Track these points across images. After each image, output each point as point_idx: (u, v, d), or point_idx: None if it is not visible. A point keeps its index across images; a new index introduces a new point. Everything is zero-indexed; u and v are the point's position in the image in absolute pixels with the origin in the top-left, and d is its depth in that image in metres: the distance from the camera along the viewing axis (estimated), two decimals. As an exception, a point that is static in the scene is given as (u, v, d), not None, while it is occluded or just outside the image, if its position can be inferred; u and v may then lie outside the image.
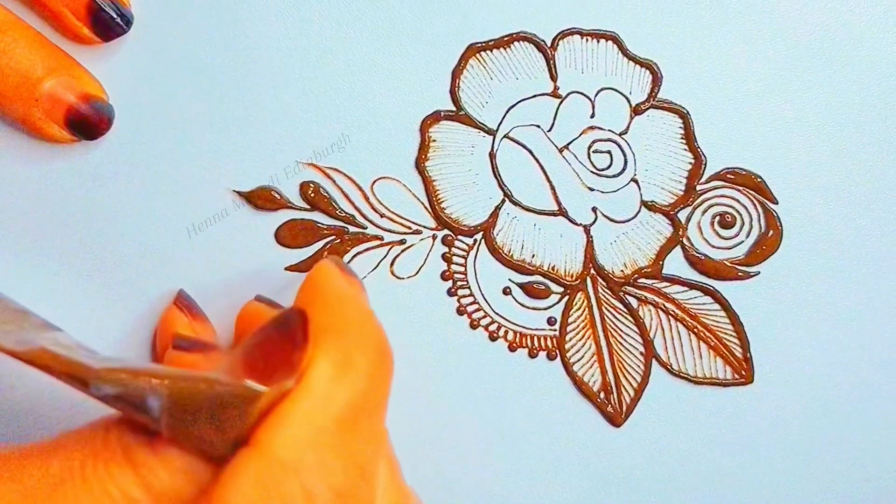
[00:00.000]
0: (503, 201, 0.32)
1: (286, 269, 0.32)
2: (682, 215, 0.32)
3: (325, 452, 0.21)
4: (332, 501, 0.21)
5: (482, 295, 0.32)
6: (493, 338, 0.32)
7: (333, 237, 0.32)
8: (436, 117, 0.31)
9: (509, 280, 0.32)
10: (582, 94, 0.32)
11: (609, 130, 0.32)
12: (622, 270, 0.32)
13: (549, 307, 0.32)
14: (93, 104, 0.30)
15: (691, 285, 0.32)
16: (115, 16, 0.30)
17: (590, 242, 0.32)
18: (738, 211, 0.32)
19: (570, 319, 0.32)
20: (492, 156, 0.32)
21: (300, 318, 0.22)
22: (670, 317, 0.32)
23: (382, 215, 0.32)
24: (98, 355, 0.22)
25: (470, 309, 0.32)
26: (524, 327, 0.32)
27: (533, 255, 0.32)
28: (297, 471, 0.20)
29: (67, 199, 0.31)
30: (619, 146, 0.32)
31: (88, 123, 0.30)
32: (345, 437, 0.21)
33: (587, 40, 0.31)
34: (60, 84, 0.30)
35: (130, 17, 0.30)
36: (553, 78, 0.32)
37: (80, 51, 0.31)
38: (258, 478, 0.20)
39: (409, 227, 0.32)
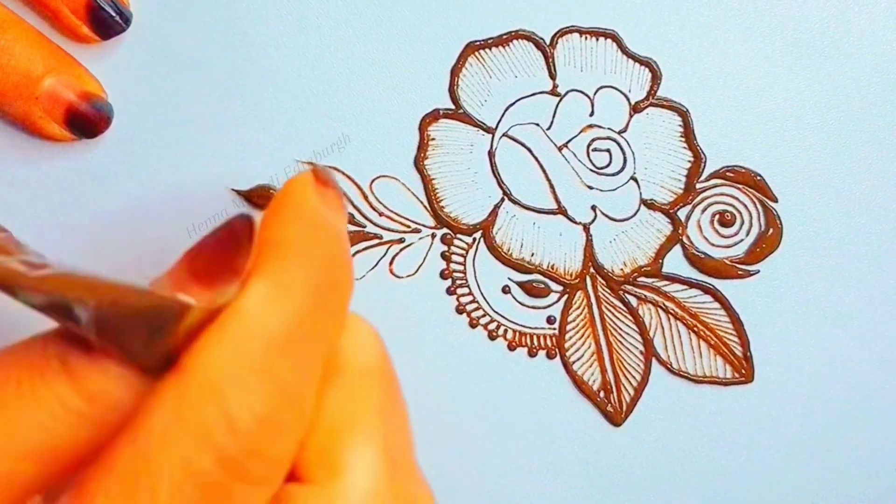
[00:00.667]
0: (502, 200, 0.32)
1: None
2: (682, 214, 0.32)
3: (248, 376, 0.20)
4: (253, 427, 0.20)
5: (481, 293, 0.32)
6: (492, 337, 0.32)
7: (332, 236, 0.32)
8: (434, 116, 0.31)
9: (508, 279, 0.32)
10: (581, 92, 0.32)
11: (608, 129, 0.32)
12: (622, 269, 0.32)
13: (549, 306, 0.32)
14: (92, 103, 0.30)
15: (691, 284, 0.32)
16: (113, 14, 0.30)
17: (589, 241, 0.32)
18: (737, 209, 0.32)
19: (570, 318, 0.32)
20: (491, 154, 0.32)
21: (245, 222, 0.21)
22: (670, 315, 0.32)
23: (381, 214, 0.32)
24: (40, 260, 0.21)
25: (469, 308, 0.32)
26: (523, 326, 0.32)
27: (532, 254, 0.32)
28: (217, 394, 0.19)
29: (66, 198, 0.32)
30: (619, 144, 0.32)
31: (88, 122, 0.30)
32: (272, 363, 0.20)
33: (586, 38, 0.31)
34: (60, 82, 0.30)
35: (129, 16, 0.31)
36: (552, 76, 0.32)
37: (79, 49, 0.31)
38: (178, 401, 0.19)
39: (408, 226, 0.32)
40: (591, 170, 0.32)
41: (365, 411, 0.23)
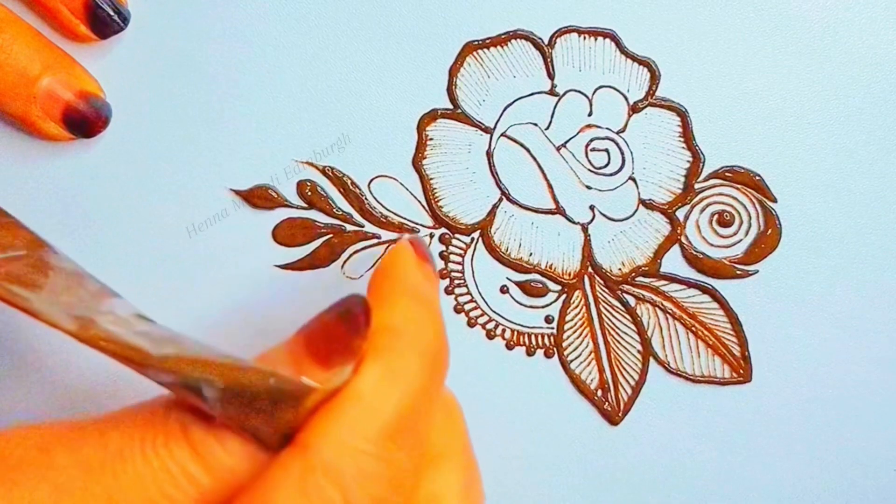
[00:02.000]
0: (500, 200, 0.32)
1: (276, 266, 0.32)
2: (681, 214, 0.32)
3: (367, 461, 0.21)
4: None
5: (479, 293, 0.32)
6: (490, 336, 0.32)
7: (331, 235, 0.32)
8: (433, 115, 0.31)
9: (507, 278, 0.32)
10: (579, 92, 0.31)
11: (607, 128, 0.32)
12: (620, 269, 0.32)
13: (547, 305, 0.32)
14: (90, 102, 0.30)
15: (689, 284, 0.32)
16: (111, 13, 0.30)
17: (587, 241, 0.32)
18: (736, 209, 0.32)
19: (568, 318, 0.32)
20: (489, 154, 0.32)
21: (363, 305, 0.22)
22: (668, 315, 0.32)
23: (380, 213, 0.32)
24: (156, 330, 0.23)
25: (467, 307, 0.32)
26: (521, 325, 0.32)
27: (530, 254, 0.32)
28: (338, 477, 0.20)
29: (65, 197, 0.32)
30: (617, 144, 0.32)
31: (86, 121, 0.30)
32: (389, 445, 0.21)
33: (585, 38, 0.31)
34: (58, 81, 0.30)
35: (127, 15, 0.30)
36: (550, 76, 0.31)
37: (78, 49, 0.31)
38: (299, 480, 0.20)
39: (407, 226, 0.32)
40: (590, 170, 0.32)
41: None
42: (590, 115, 0.32)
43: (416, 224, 0.32)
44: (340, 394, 0.21)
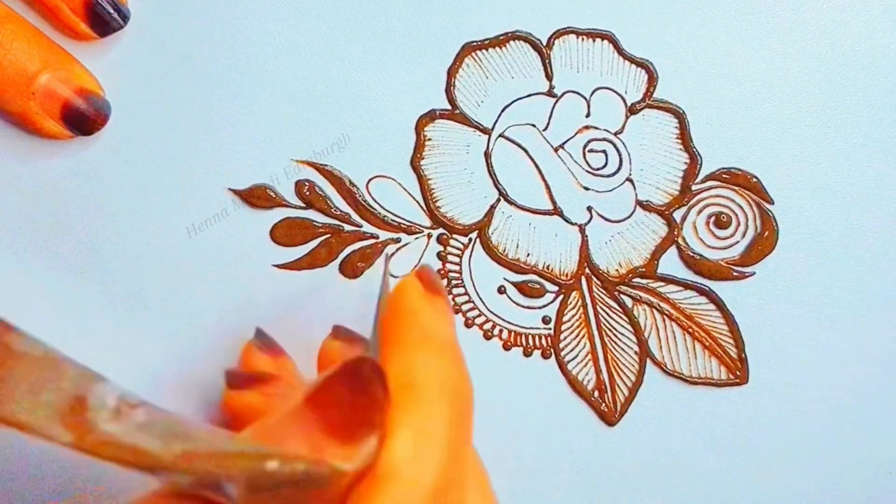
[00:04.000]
0: (498, 200, 0.32)
1: (275, 266, 0.32)
2: (678, 215, 0.32)
3: None
4: None
5: (477, 294, 0.32)
6: (487, 336, 0.32)
7: (328, 235, 0.32)
8: (431, 116, 0.32)
9: (504, 279, 0.32)
10: (577, 93, 0.32)
11: (604, 130, 0.32)
12: (617, 270, 0.32)
13: (544, 306, 0.32)
14: (89, 99, 0.30)
15: (686, 285, 0.32)
16: (112, 11, 0.30)
17: (585, 242, 0.32)
18: (733, 211, 0.32)
19: (565, 318, 0.32)
20: (487, 155, 0.32)
21: (377, 374, 0.20)
22: (665, 316, 0.32)
23: (377, 213, 0.32)
24: (155, 417, 0.20)
25: (465, 308, 0.32)
26: (519, 326, 0.32)
27: (528, 255, 0.32)
28: None
29: (64, 196, 0.32)
30: (615, 146, 0.32)
31: (85, 118, 0.30)
32: None
33: (583, 40, 0.31)
34: (56, 78, 0.30)
35: (127, 13, 0.31)
36: (548, 77, 0.32)
37: (78, 47, 0.31)
38: None
39: (405, 226, 0.32)
40: (587, 171, 0.32)
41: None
42: (588, 116, 0.32)
43: (414, 224, 0.32)
44: (376, 472, 0.20)
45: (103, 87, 0.31)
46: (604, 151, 0.32)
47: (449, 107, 0.32)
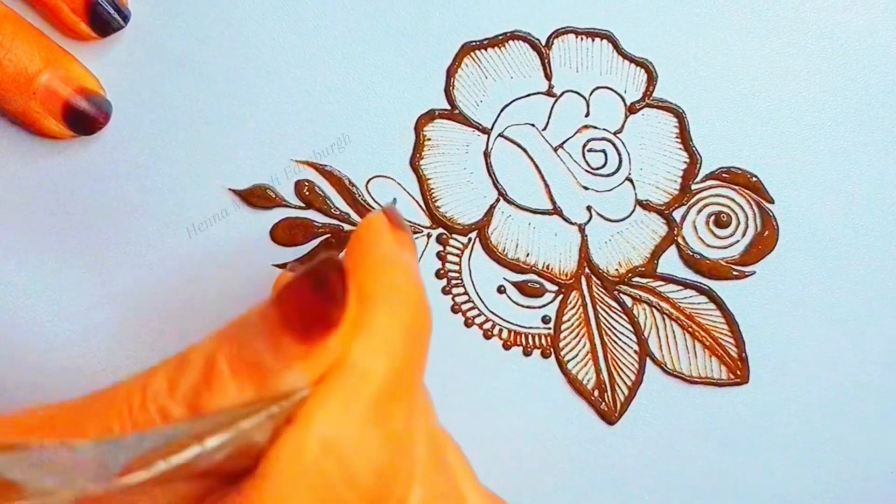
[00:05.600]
0: (498, 200, 0.32)
1: (274, 265, 0.32)
2: (677, 214, 0.32)
3: (363, 430, 0.21)
4: (371, 480, 0.21)
5: (476, 293, 0.32)
6: (487, 336, 0.32)
7: (328, 235, 0.32)
8: (430, 116, 0.32)
9: (504, 278, 0.32)
10: (577, 92, 0.32)
11: (604, 129, 0.32)
12: (617, 269, 0.32)
13: (544, 306, 0.32)
14: (90, 98, 0.30)
15: (686, 284, 0.32)
16: (112, 12, 0.30)
17: (584, 241, 0.32)
18: (733, 210, 0.32)
19: (565, 318, 0.32)
20: (486, 154, 0.32)
21: (338, 273, 0.21)
22: (665, 316, 0.32)
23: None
24: (112, 442, 0.20)
25: (464, 307, 0.32)
26: (519, 325, 0.32)
27: (527, 254, 0.32)
28: (336, 449, 0.20)
29: (64, 197, 0.32)
30: (614, 145, 0.32)
31: (86, 117, 0.30)
32: (383, 414, 0.21)
33: (582, 39, 0.31)
34: (57, 77, 0.30)
35: (128, 13, 0.31)
36: (548, 77, 0.32)
37: (78, 47, 0.31)
38: (298, 457, 0.20)
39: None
40: (587, 170, 0.32)
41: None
42: (587, 115, 0.32)
43: (414, 224, 0.32)
44: (330, 371, 0.21)
45: (105, 88, 0.31)
46: (603, 151, 0.32)
47: (448, 106, 0.32)
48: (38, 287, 0.32)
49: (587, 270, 0.32)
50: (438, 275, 0.32)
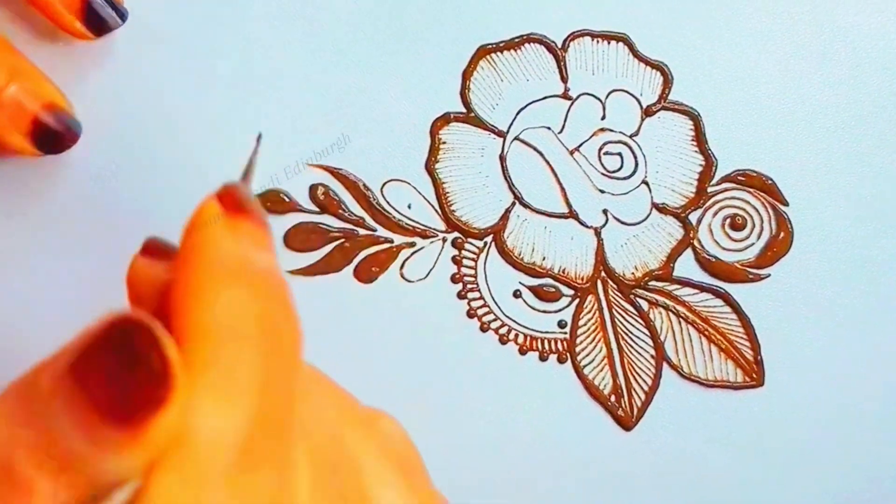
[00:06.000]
0: (513, 204, 0.32)
1: (290, 272, 0.31)
2: (693, 217, 0.32)
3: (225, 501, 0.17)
4: None
5: (492, 298, 0.32)
6: (503, 341, 0.32)
7: (343, 240, 0.32)
8: (446, 119, 0.31)
9: (519, 283, 0.32)
10: (593, 95, 0.31)
11: (620, 132, 0.32)
12: (633, 273, 0.32)
13: (560, 310, 0.32)
14: (58, 115, 0.29)
15: (702, 288, 0.32)
16: (108, 10, 0.29)
17: (600, 245, 0.32)
18: (748, 213, 0.32)
19: (581, 322, 0.32)
20: (502, 158, 0.32)
21: (151, 345, 0.16)
22: (681, 319, 0.32)
23: (392, 218, 0.32)
24: None
25: (480, 312, 0.32)
26: (534, 330, 0.32)
27: (543, 258, 0.32)
28: None
29: (65, 197, 0.31)
30: (630, 148, 0.32)
31: (54, 135, 0.29)
32: (246, 473, 0.17)
33: (598, 42, 0.31)
34: (24, 90, 0.29)
35: (125, 12, 0.30)
36: (564, 80, 0.31)
37: (78, 47, 0.30)
38: None
39: (419, 230, 0.32)
40: (603, 173, 0.32)
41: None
42: (603, 118, 0.32)
43: (429, 228, 0.32)
44: (168, 445, 0.16)
45: (106, 92, 0.31)
46: (619, 154, 0.32)
47: (464, 110, 0.31)
48: (37, 288, 0.31)
49: (603, 274, 0.32)
50: (454, 279, 0.32)
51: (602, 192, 0.32)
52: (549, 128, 0.32)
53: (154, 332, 0.16)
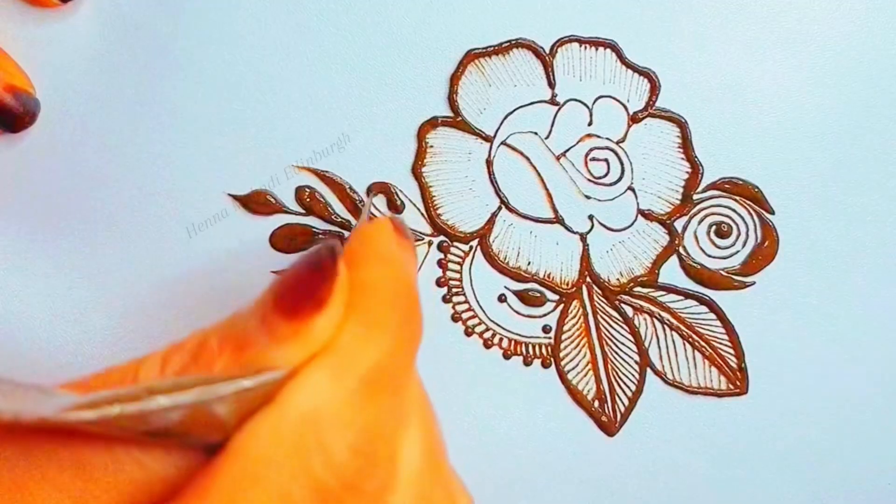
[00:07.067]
0: (499, 208, 0.32)
1: (274, 272, 0.31)
2: (679, 224, 0.32)
3: (345, 409, 0.20)
4: (347, 458, 0.20)
5: (477, 302, 0.32)
6: (487, 345, 0.32)
7: (329, 242, 0.32)
8: (433, 123, 0.31)
9: (505, 287, 0.32)
10: (580, 101, 0.32)
11: (606, 138, 0.32)
12: (618, 279, 0.32)
13: (545, 315, 0.32)
14: (18, 96, 0.30)
15: (687, 294, 0.32)
16: None
17: (586, 250, 0.32)
18: (734, 221, 0.32)
19: (566, 328, 0.32)
20: (489, 162, 0.32)
21: (329, 253, 0.22)
22: (665, 326, 0.32)
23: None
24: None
25: (465, 316, 0.32)
26: (519, 335, 0.32)
27: (529, 263, 0.32)
28: (315, 423, 0.20)
29: (63, 198, 0.31)
30: (617, 154, 0.32)
31: (11, 114, 0.30)
32: (367, 397, 0.21)
33: (586, 48, 0.31)
34: None
35: None
36: (551, 85, 0.31)
37: (77, 46, 0.30)
38: (276, 426, 0.19)
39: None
40: (589, 179, 0.32)
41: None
42: (590, 124, 0.32)
43: (415, 231, 0.32)
44: (320, 350, 0.21)
45: (103, 92, 0.31)
46: (605, 160, 0.32)
47: (451, 114, 0.31)
48: (36, 288, 0.31)
49: (588, 280, 0.32)
50: (439, 283, 0.32)
51: (588, 197, 0.32)
52: (535, 133, 0.32)
53: (338, 252, 0.22)
